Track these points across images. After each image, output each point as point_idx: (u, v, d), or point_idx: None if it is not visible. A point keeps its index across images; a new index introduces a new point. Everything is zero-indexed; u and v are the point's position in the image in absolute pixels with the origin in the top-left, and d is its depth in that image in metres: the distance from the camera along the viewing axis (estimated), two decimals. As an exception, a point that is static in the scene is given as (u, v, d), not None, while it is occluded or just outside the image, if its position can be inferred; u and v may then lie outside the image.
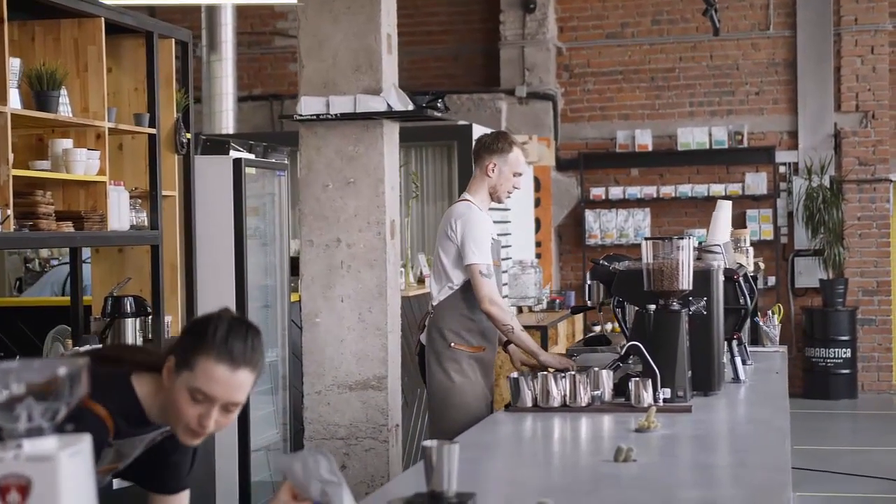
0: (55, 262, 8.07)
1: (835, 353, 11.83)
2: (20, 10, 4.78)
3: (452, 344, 5.04)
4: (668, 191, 12.40)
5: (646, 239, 4.33)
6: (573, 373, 4.19)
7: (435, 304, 5.15)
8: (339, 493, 2.35)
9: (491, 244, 5.08)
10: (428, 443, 2.67)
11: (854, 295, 12.14)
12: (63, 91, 4.77)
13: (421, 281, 8.46)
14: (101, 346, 4.76)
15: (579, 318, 10.80)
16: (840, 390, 11.84)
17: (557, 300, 10.48)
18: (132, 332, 5.27)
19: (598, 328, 10.22)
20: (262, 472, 6.39)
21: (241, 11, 12.35)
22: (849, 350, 11.86)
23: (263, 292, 6.56)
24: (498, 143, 5.14)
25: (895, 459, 9.17)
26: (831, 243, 11.90)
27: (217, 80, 10.73)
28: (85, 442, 1.72)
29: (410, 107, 5.44)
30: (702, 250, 5.05)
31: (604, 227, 12.54)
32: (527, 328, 8.80)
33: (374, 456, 5.47)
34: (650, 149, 12.47)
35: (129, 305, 5.27)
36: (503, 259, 9.47)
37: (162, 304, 5.49)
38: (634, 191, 12.46)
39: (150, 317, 5.42)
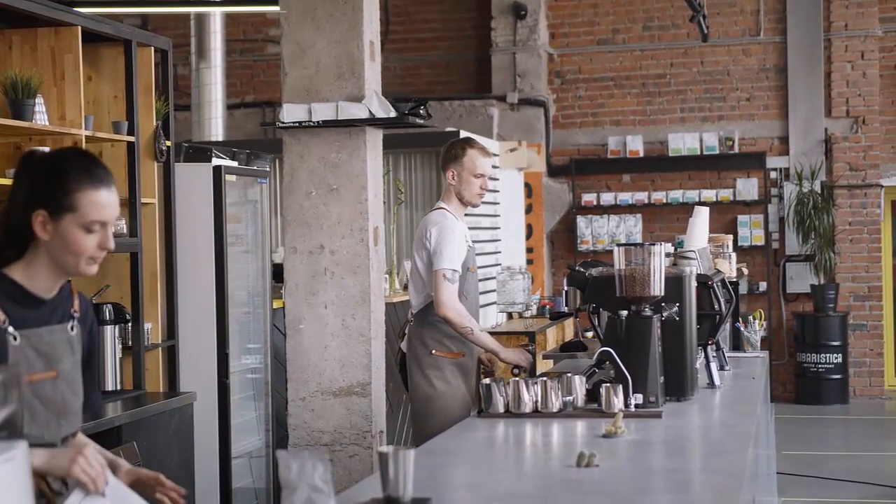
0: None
1: (826, 358, 11.84)
2: (-3, 18, 4.81)
3: (434, 351, 5.10)
4: (659, 196, 12.42)
5: (618, 245, 4.34)
6: (545, 379, 4.20)
7: (415, 311, 5.21)
8: (325, 503, 2.36)
9: (467, 250, 5.12)
10: (383, 449, 2.70)
11: (845, 300, 12.15)
12: (39, 99, 4.79)
13: (406, 287, 8.47)
14: None
15: (569, 323, 10.81)
16: (831, 395, 11.85)
17: (548, 306, 10.48)
18: (111, 339, 5.28)
19: (590, 334, 10.22)
20: (244, 479, 6.40)
21: (233, 19, 12.39)
22: (840, 355, 11.86)
23: (245, 299, 6.57)
24: (452, 150, 5.25)
25: (886, 464, 9.18)
26: (822, 248, 11.91)
27: (206, 87, 10.75)
28: (19, 449, 1.74)
29: (392, 114, 5.45)
30: (677, 256, 5.06)
31: (595, 233, 12.55)
32: (515, 334, 8.91)
33: (358, 462, 5.47)
34: (641, 155, 12.49)
35: (108, 313, 5.28)
36: (486, 265, 9.55)
37: (141, 312, 5.51)
38: (626, 197, 12.48)
39: (129, 324, 5.43)
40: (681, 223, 12.22)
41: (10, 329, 2.58)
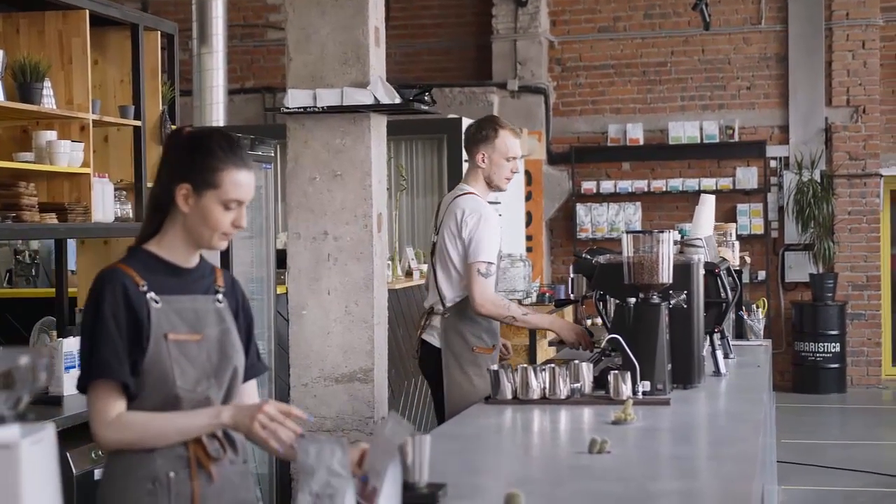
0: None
1: (824, 347, 11.87)
2: (4, 1, 4.79)
3: (475, 348, 4.97)
4: (659, 185, 12.43)
5: (627, 232, 4.34)
6: (553, 365, 4.20)
7: (449, 304, 5.01)
8: (344, 487, 2.35)
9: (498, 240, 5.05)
10: (399, 434, 2.70)
11: (844, 289, 12.17)
12: (47, 83, 4.78)
13: (409, 274, 8.48)
14: None
15: (569, 311, 10.82)
16: (829, 384, 11.88)
17: (548, 293, 10.49)
18: (117, 323, 5.27)
19: (589, 322, 10.23)
20: (247, 464, 6.40)
21: (234, 4, 12.35)
22: (838, 344, 11.89)
23: (249, 284, 6.57)
24: (482, 131, 5.05)
25: (883, 453, 9.21)
26: (821, 238, 11.94)
27: (208, 72, 10.66)
28: (48, 430, 1.74)
29: (397, 100, 5.43)
30: (684, 244, 5.07)
31: (595, 220, 12.56)
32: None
33: (360, 448, 5.47)
34: (641, 143, 12.50)
35: (113, 297, 5.27)
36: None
37: (147, 296, 5.50)
38: (626, 185, 12.49)
39: (134, 308, 5.43)
40: (680, 211, 12.27)
41: (151, 294, 2.70)
